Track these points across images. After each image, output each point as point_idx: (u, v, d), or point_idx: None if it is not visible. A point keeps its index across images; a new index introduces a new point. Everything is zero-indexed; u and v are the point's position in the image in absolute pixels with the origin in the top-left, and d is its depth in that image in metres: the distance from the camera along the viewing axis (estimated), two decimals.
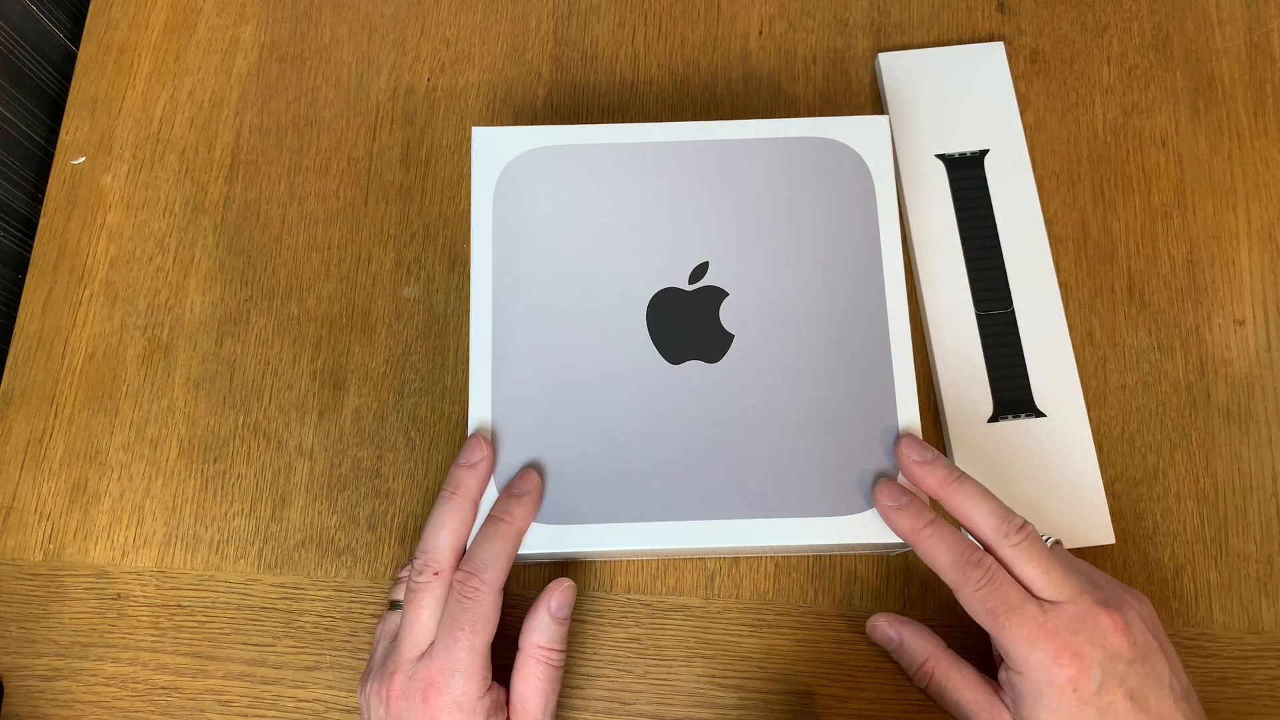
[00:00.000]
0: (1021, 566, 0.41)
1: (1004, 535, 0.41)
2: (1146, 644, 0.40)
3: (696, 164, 0.48)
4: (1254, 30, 0.56)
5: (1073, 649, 0.39)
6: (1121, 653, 0.39)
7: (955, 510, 0.42)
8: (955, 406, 0.50)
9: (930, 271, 0.52)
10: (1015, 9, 0.57)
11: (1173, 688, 0.39)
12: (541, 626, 0.43)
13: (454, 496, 0.43)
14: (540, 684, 0.42)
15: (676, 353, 0.46)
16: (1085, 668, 0.38)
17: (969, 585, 0.40)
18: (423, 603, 0.42)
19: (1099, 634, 0.39)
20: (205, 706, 0.49)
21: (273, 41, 0.59)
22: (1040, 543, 0.41)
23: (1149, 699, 0.39)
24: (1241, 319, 0.52)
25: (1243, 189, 0.54)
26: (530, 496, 0.43)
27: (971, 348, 0.51)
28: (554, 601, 0.43)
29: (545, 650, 0.42)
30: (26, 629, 0.50)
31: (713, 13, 0.58)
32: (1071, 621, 0.39)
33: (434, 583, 0.42)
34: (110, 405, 0.53)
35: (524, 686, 0.42)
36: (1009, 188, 0.53)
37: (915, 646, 0.45)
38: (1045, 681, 0.39)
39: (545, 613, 0.43)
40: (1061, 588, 0.40)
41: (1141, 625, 0.40)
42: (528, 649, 0.43)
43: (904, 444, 0.44)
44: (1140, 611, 0.40)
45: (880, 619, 0.46)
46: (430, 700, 0.40)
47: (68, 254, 0.56)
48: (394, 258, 0.55)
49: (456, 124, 0.57)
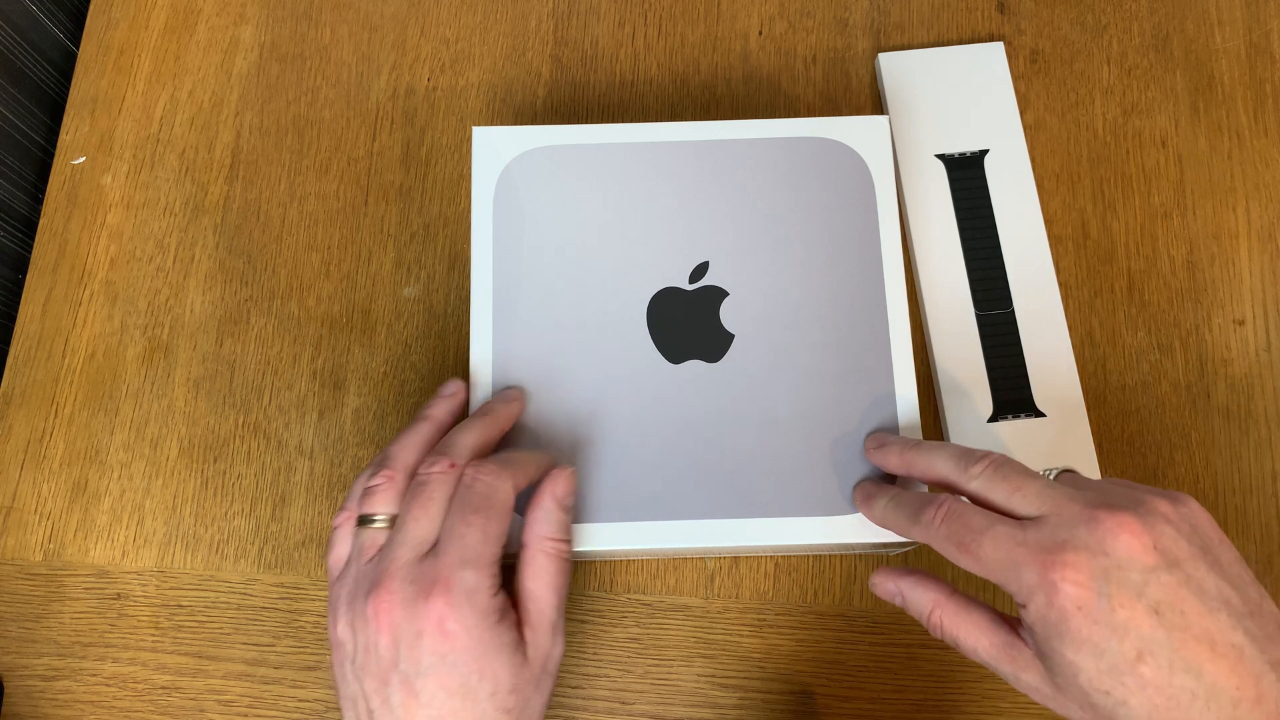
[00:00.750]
0: (992, 494, 0.36)
1: (964, 470, 0.37)
2: (1176, 547, 0.32)
3: (696, 164, 0.48)
4: (1254, 30, 0.56)
5: (1062, 560, 0.32)
6: (1135, 558, 0.32)
7: (918, 472, 0.40)
8: (955, 406, 0.50)
9: (930, 271, 0.52)
10: (1015, 9, 0.57)
11: (1226, 601, 0.32)
12: (548, 517, 0.39)
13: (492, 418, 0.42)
14: (552, 578, 0.38)
15: (677, 352, 0.46)
16: (1084, 580, 0.32)
17: (931, 528, 0.36)
18: (432, 495, 0.38)
19: (1098, 537, 0.32)
20: (205, 706, 0.49)
21: (273, 41, 0.59)
22: (1011, 465, 0.36)
23: (1185, 614, 0.31)
24: (1241, 319, 0.52)
25: (1243, 189, 0.54)
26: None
27: (971, 348, 0.51)
28: (559, 488, 0.40)
29: (554, 542, 0.39)
30: (26, 629, 0.50)
31: (713, 13, 0.58)
32: (1056, 530, 0.33)
33: (450, 474, 0.38)
34: (110, 405, 0.53)
35: (535, 584, 0.38)
36: (1009, 188, 0.53)
37: (918, 598, 0.39)
38: (1046, 605, 0.33)
39: (551, 500, 0.39)
40: (1039, 500, 0.34)
41: (1169, 527, 0.33)
42: (535, 542, 0.39)
43: (868, 439, 0.43)
44: (1170, 512, 0.33)
45: (880, 575, 0.40)
46: (435, 599, 0.35)
47: (68, 254, 0.56)
48: (394, 258, 0.55)
49: (456, 124, 0.57)
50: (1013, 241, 0.52)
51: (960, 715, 0.47)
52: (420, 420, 0.42)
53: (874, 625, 0.48)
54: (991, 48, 0.55)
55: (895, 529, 0.40)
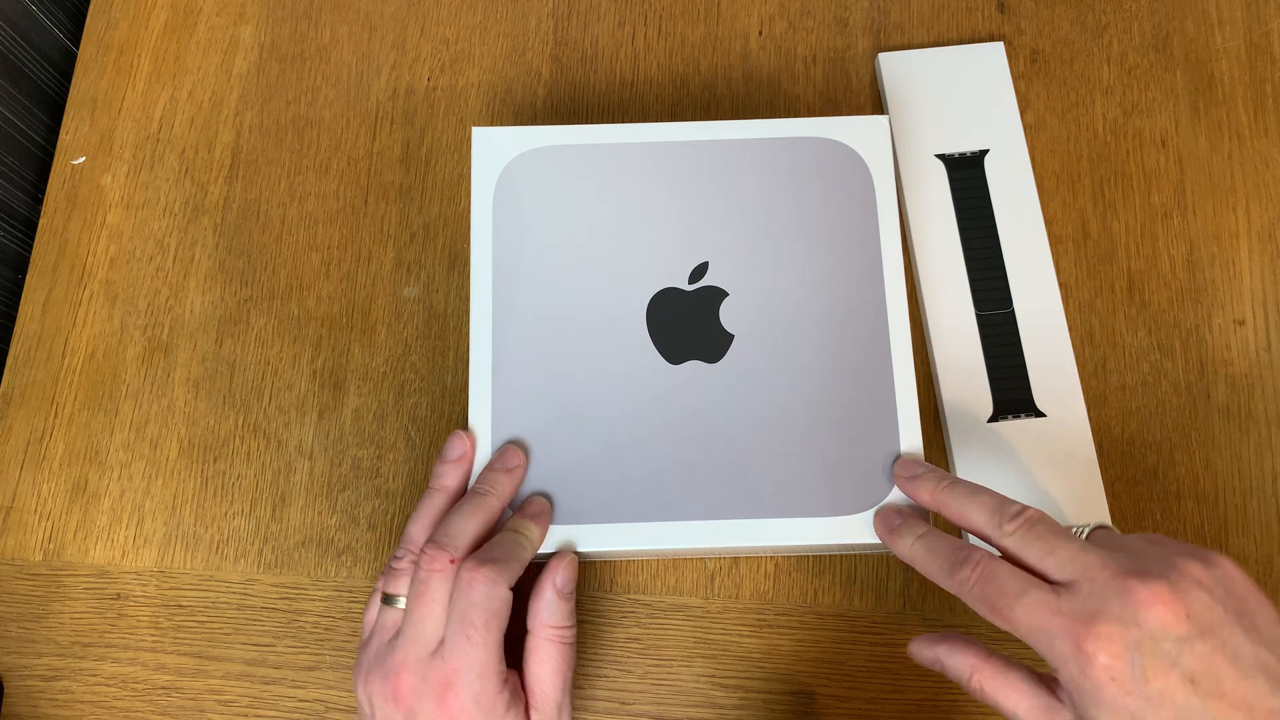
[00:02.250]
0: (1026, 554, 0.36)
1: (998, 526, 0.37)
2: (1209, 614, 0.32)
3: (696, 164, 0.48)
4: (1254, 30, 0.56)
5: (1095, 632, 0.33)
6: (1168, 628, 0.32)
7: (952, 515, 0.40)
8: (955, 407, 0.50)
9: (930, 271, 0.52)
10: (1015, 9, 0.57)
11: (1263, 666, 0.32)
12: (550, 606, 0.41)
13: (490, 495, 0.43)
14: (557, 665, 0.41)
15: (676, 353, 0.46)
16: (1117, 652, 0.32)
17: (965, 586, 0.37)
18: (434, 595, 0.40)
19: (1130, 609, 0.33)
20: (205, 706, 0.49)
21: (273, 41, 0.59)
22: (1045, 524, 0.36)
23: (1221, 681, 0.32)
24: (1241, 319, 0.52)
25: (1243, 189, 0.54)
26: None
27: (971, 348, 0.51)
28: (559, 578, 0.42)
29: (557, 630, 0.41)
30: (26, 629, 0.50)
31: (713, 13, 0.58)
32: (1089, 600, 0.33)
33: (448, 572, 0.40)
34: (110, 405, 0.53)
35: (540, 670, 0.41)
36: (1009, 188, 0.53)
37: (956, 664, 0.39)
38: (1080, 674, 0.33)
39: (551, 590, 0.41)
40: (1072, 565, 0.34)
41: (1202, 593, 0.33)
42: (539, 631, 0.41)
43: (898, 464, 0.43)
44: (1203, 576, 0.33)
45: (917, 644, 0.41)
46: (448, 702, 0.39)
47: (68, 254, 0.56)
48: (394, 258, 0.55)
49: (456, 124, 0.57)
50: (1013, 241, 0.52)
51: (960, 715, 0.47)
52: (434, 492, 0.44)
53: (874, 625, 0.48)
54: (991, 48, 0.55)
55: (924, 572, 0.40)
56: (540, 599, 0.42)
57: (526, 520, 0.43)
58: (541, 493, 0.44)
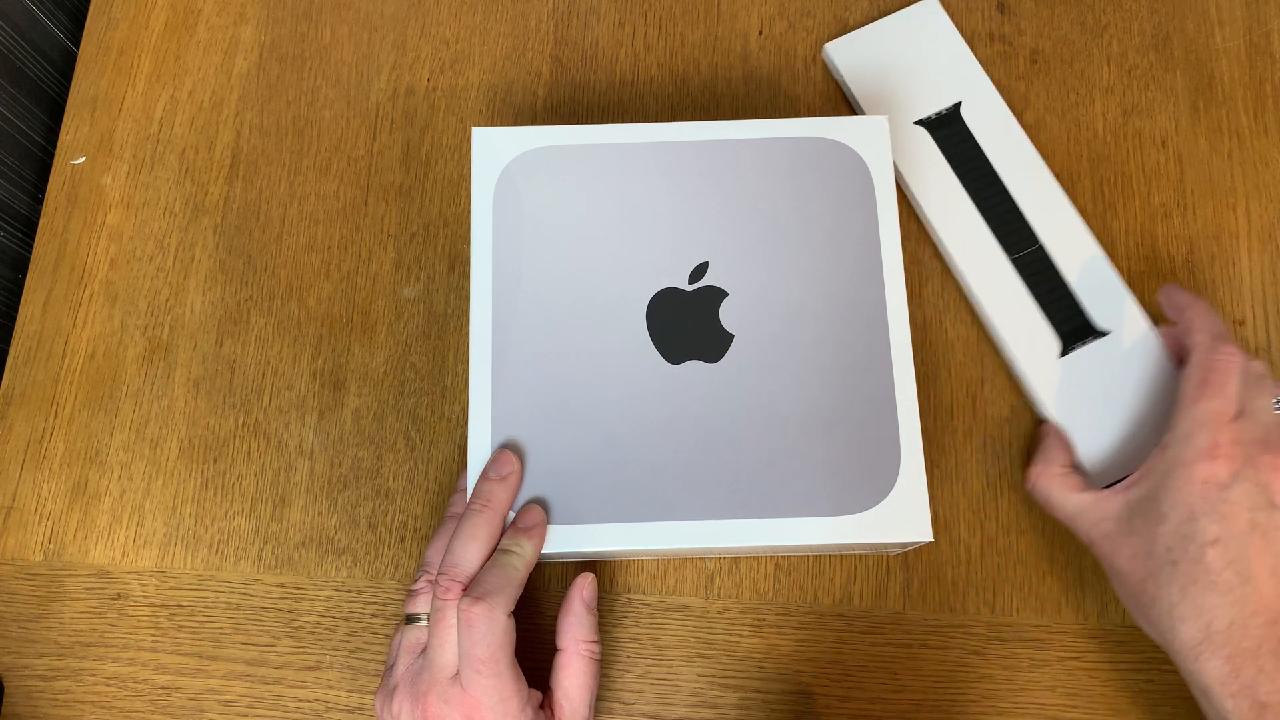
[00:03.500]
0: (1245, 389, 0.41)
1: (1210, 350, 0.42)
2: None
3: (696, 164, 0.48)
4: (1254, 30, 0.56)
5: (1233, 454, 0.39)
6: (1271, 495, 0.38)
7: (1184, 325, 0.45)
8: (1025, 354, 0.50)
9: (952, 235, 0.52)
10: (1015, 9, 0.57)
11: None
12: (580, 621, 0.43)
13: (485, 510, 0.42)
14: (586, 680, 0.43)
15: (676, 353, 0.46)
16: (1229, 470, 0.39)
17: (1214, 352, 0.42)
18: (450, 622, 0.41)
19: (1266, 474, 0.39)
20: (205, 706, 0.49)
21: (273, 41, 0.59)
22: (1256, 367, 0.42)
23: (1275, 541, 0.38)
24: (1241, 319, 0.52)
25: (1243, 189, 0.54)
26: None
27: (1018, 292, 0.50)
28: (586, 591, 0.44)
29: (589, 644, 0.43)
30: (26, 629, 0.50)
31: (713, 13, 0.58)
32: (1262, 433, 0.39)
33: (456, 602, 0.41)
34: (110, 405, 0.53)
35: (570, 684, 0.42)
36: (993, 131, 0.53)
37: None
38: (1182, 461, 0.39)
39: (581, 605, 0.43)
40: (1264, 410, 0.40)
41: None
42: (571, 646, 0.43)
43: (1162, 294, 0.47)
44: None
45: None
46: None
47: (68, 254, 0.56)
48: (394, 258, 0.55)
49: (456, 124, 0.57)
50: (1017, 181, 0.52)
51: (960, 715, 0.47)
52: (448, 520, 0.46)
53: (874, 625, 0.48)
54: (927, 5, 0.56)
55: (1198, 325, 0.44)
56: (570, 614, 0.43)
57: (519, 537, 0.42)
58: (538, 499, 0.44)
